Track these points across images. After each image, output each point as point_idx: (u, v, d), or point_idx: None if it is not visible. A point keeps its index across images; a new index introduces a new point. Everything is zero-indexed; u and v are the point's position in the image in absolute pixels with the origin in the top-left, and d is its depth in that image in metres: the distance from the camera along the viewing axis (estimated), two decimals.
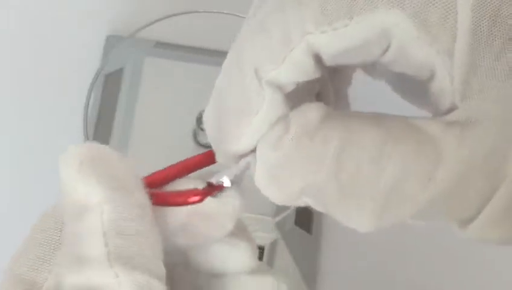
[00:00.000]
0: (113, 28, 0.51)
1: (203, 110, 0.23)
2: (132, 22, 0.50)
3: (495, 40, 0.18)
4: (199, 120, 0.45)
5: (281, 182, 0.20)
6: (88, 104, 0.46)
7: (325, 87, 0.24)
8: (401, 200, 0.19)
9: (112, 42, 0.50)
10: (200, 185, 0.22)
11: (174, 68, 0.49)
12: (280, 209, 0.45)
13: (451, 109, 0.19)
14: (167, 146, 0.47)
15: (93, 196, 0.19)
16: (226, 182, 0.22)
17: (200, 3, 0.48)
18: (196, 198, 0.21)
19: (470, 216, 0.20)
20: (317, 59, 0.21)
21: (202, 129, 0.44)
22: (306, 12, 0.20)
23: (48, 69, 0.50)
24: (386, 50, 0.20)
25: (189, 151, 0.41)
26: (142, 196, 0.20)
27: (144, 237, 0.20)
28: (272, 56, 0.20)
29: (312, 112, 0.20)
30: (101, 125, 0.47)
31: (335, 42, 0.20)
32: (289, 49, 0.20)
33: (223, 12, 0.48)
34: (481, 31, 0.18)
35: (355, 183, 0.19)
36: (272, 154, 0.20)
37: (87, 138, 0.45)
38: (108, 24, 0.52)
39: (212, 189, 0.21)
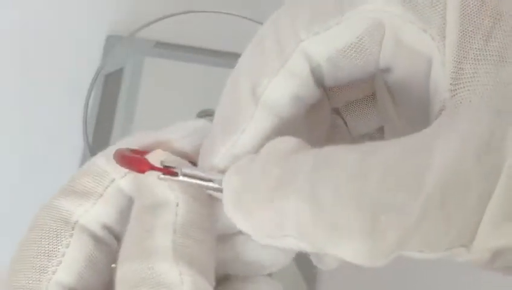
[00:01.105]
0: (113, 28, 0.51)
1: (203, 110, 0.23)
2: (132, 22, 0.49)
3: (484, 19, 0.17)
4: None
5: (245, 208, 0.19)
6: (88, 104, 0.45)
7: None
8: (392, 212, 0.16)
9: (112, 42, 0.50)
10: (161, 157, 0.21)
11: (174, 68, 0.48)
12: None
13: (442, 110, 0.18)
14: None
15: (173, 196, 0.20)
16: (180, 172, 0.20)
17: (200, 3, 0.48)
18: (147, 170, 0.21)
19: (474, 223, 0.16)
20: (316, 74, 0.20)
21: None
22: (297, 20, 0.19)
23: (47, 69, 0.50)
24: (380, 43, 0.19)
25: None
26: (211, 212, 0.21)
27: (207, 246, 0.20)
28: (267, 69, 0.20)
29: (283, 142, 0.19)
30: (101, 125, 0.47)
31: (329, 42, 0.19)
32: (284, 60, 0.20)
33: (223, 12, 0.47)
34: (470, 10, 0.17)
35: (334, 203, 0.17)
36: (235, 177, 0.19)
37: (87, 137, 0.45)
38: (109, 24, 0.52)
39: (164, 170, 0.21)
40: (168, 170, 0.20)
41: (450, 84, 0.18)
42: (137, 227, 0.20)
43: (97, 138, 0.46)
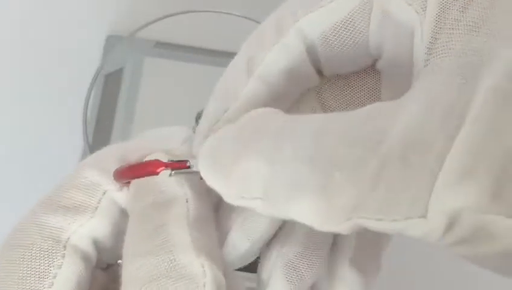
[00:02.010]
0: (113, 28, 0.51)
1: (203, 110, 0.23)
2: (132, 22, 0.50)
3: None
4: (199, 120, 0.45)
5: (217, 168, 0.19)
6: (88, 104, 0.46)
7: None
8: (347, 168, 0.16)
9: (112, 42, 0.50)
10: (164, 159, 0.21)
11: (174, 68, 0.49)
12: None
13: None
14: None
15: (182, 192, 0.20)
16: (191, 163, 0.20)
17: (200, 3, 0.48)
18: (161, 168, 0.21)
19: (432, 184, 0.14)
20: (312, 55, 0.21)
21: None
22: (296, 2, 0.21)
23: (47, 69, 0.50)
24: (368, 23, 0.20)
25: None
26: (211, 208, 0.21)
27: (215, 240, 0.21)
28: (264, 44, 0.21)
29: (261, 111, 0.20)
30: (101, 125, 0.47)
31: (322, 19, 0.20)
32: (280, 35, 0.21)
33: (223, 12, 0.48)
34: None
35: (292, 160, 0.17)
36: (211, 140, 0.20)
37: (87, 137, 0.45)
38: (109, 24, 0.52)
39: (175, 164, 0.21)
40: (180, 164, 0.20)
41: (425, 53, 0.18)
42: (146, 224, 0.20)
43: (97, 138, 0.46)
